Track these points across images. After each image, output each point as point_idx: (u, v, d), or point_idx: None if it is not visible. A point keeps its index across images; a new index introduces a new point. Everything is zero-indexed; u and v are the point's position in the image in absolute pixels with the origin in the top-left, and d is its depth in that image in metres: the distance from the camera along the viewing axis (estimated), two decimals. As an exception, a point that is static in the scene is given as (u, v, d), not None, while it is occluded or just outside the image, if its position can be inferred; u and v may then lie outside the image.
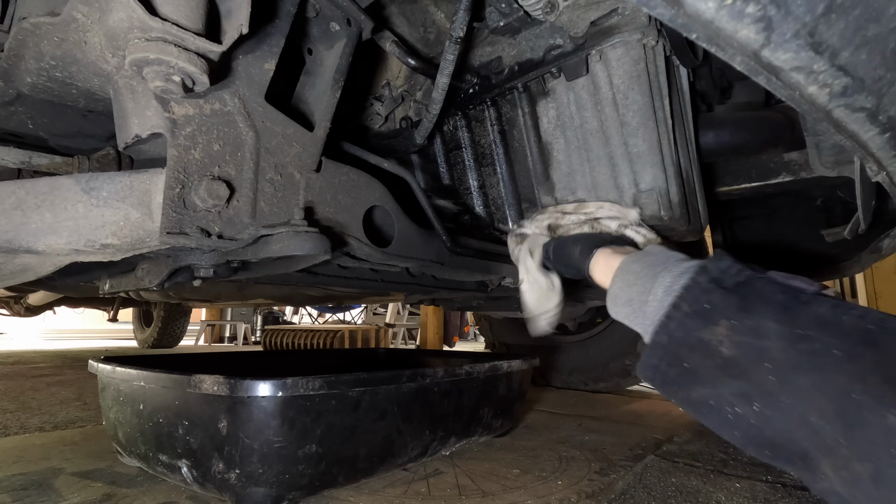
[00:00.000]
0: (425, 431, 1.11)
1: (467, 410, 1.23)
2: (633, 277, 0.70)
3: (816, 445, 0.48)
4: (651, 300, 0.64)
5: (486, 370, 1.25)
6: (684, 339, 0.58)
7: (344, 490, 1.02)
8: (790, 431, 0.50)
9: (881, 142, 0.57)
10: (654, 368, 0.62)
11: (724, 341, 0.54)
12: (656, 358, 0.61)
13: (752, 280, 0.58)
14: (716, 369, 0.55)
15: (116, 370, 1.06)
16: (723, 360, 0.54)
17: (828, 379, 0.47)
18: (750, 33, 0.46)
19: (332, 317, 7.82)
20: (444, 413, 1.16)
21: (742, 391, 0.53)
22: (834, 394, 0.47)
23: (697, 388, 0.57)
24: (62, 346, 5.67)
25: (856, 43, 0.47)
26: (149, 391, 0.97)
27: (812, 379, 0.48)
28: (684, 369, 0.58)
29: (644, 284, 0.67)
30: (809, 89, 0.51)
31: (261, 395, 0.84)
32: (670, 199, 0.95)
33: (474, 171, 1.22)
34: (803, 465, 0.51)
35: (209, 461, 0.87)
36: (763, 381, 0.51)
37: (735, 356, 0.53)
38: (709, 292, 0.58)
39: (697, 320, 0.57)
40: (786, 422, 0.50)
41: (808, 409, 0.48)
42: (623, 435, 1.54)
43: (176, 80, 0.58)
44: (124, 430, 1.04)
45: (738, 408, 0.53)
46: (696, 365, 0.57)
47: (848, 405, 0.46)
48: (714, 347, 0.55)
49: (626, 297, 0.70)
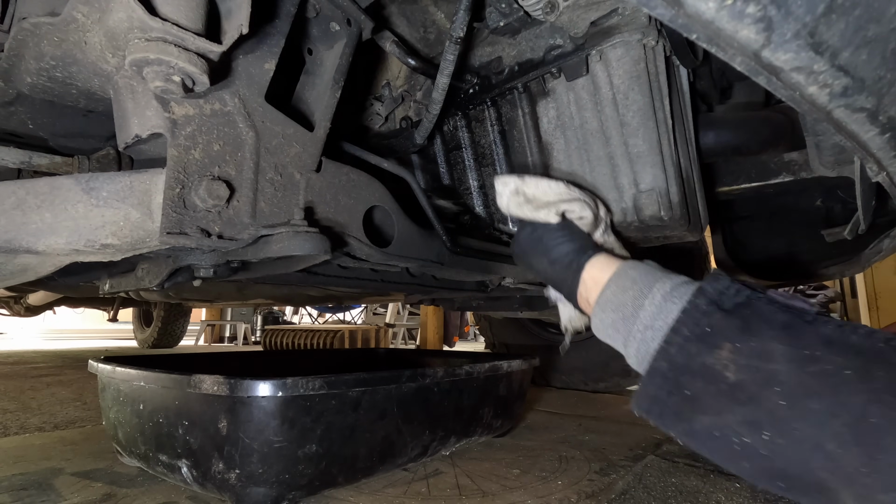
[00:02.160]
0: (425, 431, 1.11)
1: (467, 410, 1.23)
2: (628, 282, 0.66)
3: (835, 475, 0.45)
4: (646, 304, 0.61)
5: (486, 370, 1.26)
6: (686, 364, 0.54)
7: (344, 490, 1.02)
8: (805, 461, 0.47)
9: (881, 142, 0.57)
10: (653, 399, 0.58)
11: (728, 366, 0.51)
12: (655, 387, 0.57)
13: (752, 300, 0.55)
14: (720, 396, 0.51)
15: (116, 370, 1.06)
16: (728, 385, 0.51)
17: (842, 402, 0.45)
18: (750, 34, 0.46)
19: (332, 317, 7.82)
20: (444, 413, 1.16)
21: (750, 419, 0.49)
22: (850, 418, 0.44)
23: (701, 418, 0.53)
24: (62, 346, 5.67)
25: (856, 43, 0.46)
26: (149, 391, 0.98)
27: (825, 402, 0.45)
28: (686, 397, 0.54)
29: (639, 289, 0.63)
30: (810, 90, 0.50)
31: (261, 394, 0.85)
32: (670, 199, 0.95)
33: (474, 171, 1.22)
34: (822, 497, 0.47)
35: (209, 461, 0.87)
36: (773, 408, 0.48)
37: (741, 381, 0.50)
38: (709, 315, 0.55)
39: (699, 344, 0.54)
40: (800, 450, 0.47)
41: (823, 435, 0.45)
42: (623, 435, 1.54)
43: (176, 80, 0.58)
44: (124, 431, 1.04)
45: (745, 437, 0.50)
46: (698, 392, 0.53)
47: (867, 430, 0.43)
48: (718, 372, 0.52)
49: (617, 302, 0.65)
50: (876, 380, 0.44)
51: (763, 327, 0.51)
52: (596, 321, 0.69)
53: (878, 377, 0.44)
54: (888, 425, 0.42)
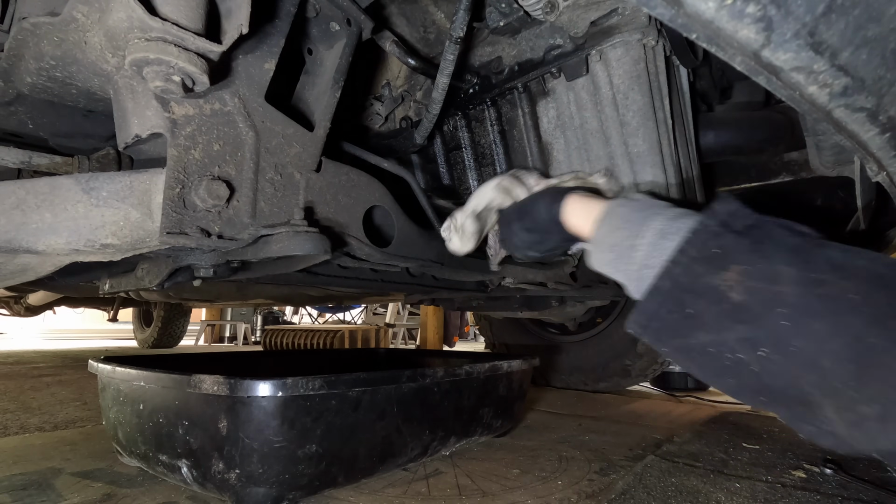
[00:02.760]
0: (425, 431, 1.11)
1: (467, 410, 1.23)
2: (619, 221, 0.66)
3: (821, 389, 0.47)
4: (640, 244, 0.61)
5: (485, 370, 1.26)
6: (690, 284, 0.55)
7: (344, 490, 1.02)
8: (796, 376, 0.49)
9: (881, 142, 0.57)
10: (651, 316, 0.58)
11: (734, 287, 0.52)
12: (655, 304, 0.58)
13: (763, 223, 0.55)
14: (722, 315, 0.53)
15: (117, 370, 1.06)
16: (731, 305, 0.52)
17: (844, 322, 0.47)
18: (750, 33, 0.46)
19: (332, 317, 7.82)
20: (444, 413, 1.16)
21: (749, 336, 0.51)
22: (850, 337, 0.46)
23: (698, 335, 0.55)
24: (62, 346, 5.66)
25: (856, 43, 0.47)
26: (149, 391, 0.97)
27: (828, 323, 0.47)
28: (686, 315, 0.55)
29: (632, 228, 0.63)
30: (809, 89, 0.50)
31: (261, 394, 0.84)
32: (670, 199, 0.95)
33: (474, 171, 1.22)
34: (802, 409, 0.50)
35: (209, 461, 0.87)
36: (774, 327, 0.49)
37: (746, 302, 0.51)
38: (719, 236, 0.55)
39: (706, 265, 0.54)
40: (792, 366, 0.49)
41: (820, 352, 0.47)
42: (623, 435, 1.54)
43: (176, 80, 0.58)
44: (124, 430, 1.04)
45: (740, 354, 0.52)
46: (700, 311, 0.54)
47: (863, 348, 0.45)
48: (723, 293, 0.53)
49: (611, 241, 0.65)
50: (878, 304, 0.46)
51: (773, 250, 0.52)
52: (593, 260, 0.70)
53: (881, 302, 0.46)
54: (884, 345, 0.45)
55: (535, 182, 0.91)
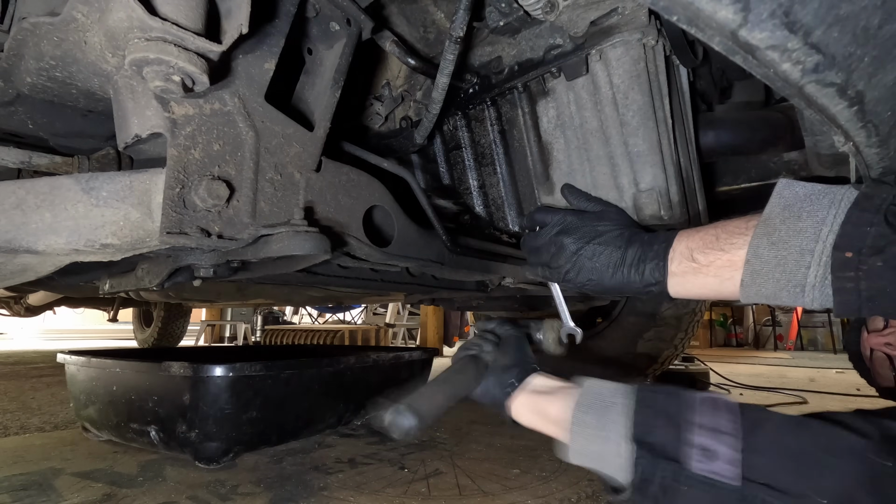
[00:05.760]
0: (340, 404, 1.46)
1: (375, 389, 1.56)
2: (591, 431, 0.69)
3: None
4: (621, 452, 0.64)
5: (390, 359, 1.62)
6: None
7: (344, 490, 1.02)
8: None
9: (849, 114, 0.59)
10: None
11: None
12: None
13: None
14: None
15: (91, 360, 1.35)
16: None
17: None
18: (728, 14, 0.48)
19: (332, 317, 7.82)
20: (356, 391, 1.50)
21: None
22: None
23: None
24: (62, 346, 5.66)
25: (828, 21, 0.48)
26: (122, 375, 1.26)
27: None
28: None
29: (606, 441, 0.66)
30: (783, 66, 0.52)
31: (217, 374, 1.14)
32: (670, 198, 0.95)
33: (474, 171, 1.22)
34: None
35: (174, 425, 1.15)
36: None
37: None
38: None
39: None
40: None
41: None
42: (623, 435, 1.53)
43: (176, 80, 0.58)
44: (97, 408, 1.30)
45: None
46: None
47: None
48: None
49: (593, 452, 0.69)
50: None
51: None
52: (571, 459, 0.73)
53: None
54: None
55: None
